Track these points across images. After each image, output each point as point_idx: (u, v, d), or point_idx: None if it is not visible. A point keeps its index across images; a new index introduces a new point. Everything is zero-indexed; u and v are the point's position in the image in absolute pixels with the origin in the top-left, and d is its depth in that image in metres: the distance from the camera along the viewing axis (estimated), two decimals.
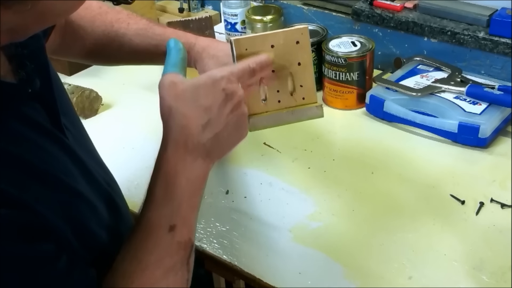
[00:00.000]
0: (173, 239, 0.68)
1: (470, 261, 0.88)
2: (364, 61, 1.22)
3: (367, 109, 1.22)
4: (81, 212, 0.67)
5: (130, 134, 1.21)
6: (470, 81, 1.18)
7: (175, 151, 0.70)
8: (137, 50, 0.98)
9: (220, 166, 1.11)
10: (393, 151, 1.12)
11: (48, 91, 0.69)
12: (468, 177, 1.04)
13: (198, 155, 0.71)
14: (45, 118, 0.67)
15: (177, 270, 0.69)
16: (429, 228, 0.94)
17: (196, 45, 0.97)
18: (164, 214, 0.69)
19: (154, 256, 0.67)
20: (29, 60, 0.66)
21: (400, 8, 1.31)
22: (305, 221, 0.97)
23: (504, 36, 1.19)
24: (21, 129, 0.62)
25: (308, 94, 0.85)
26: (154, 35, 0.98)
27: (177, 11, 1.60)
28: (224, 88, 0.72)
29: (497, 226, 0.94)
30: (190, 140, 0.70)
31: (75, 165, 0.69)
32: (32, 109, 0.65)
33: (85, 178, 0.70)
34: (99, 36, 0.97)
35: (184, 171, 0.70)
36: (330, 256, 0.90)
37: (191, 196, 0.71)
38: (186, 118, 0.70)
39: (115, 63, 1.10)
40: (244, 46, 0.82)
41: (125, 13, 1.00)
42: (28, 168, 0.60)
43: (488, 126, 1.09)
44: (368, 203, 1.00)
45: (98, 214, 0.70)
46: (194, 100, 0.71)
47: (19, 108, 0.63)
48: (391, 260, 0.89)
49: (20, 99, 0.63)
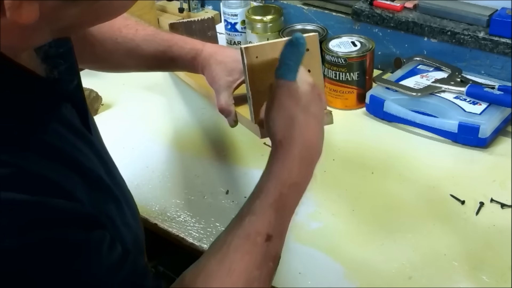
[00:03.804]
0: (267, 249, 0.67)
1: (470, 261, 0.88)
2: (364, 61, 1.22)
3: (367, 109, 1.22)
4: (110, 208, 0.67)
5: (130, 134, 1.21)
6: (470, 81, 1.18)
7: (299, 164, 0.71)
8: (145, 56, 0.99)
9: (220, 166, 1.11)
10: (393, 151, 1.12)
11: (78, 91, 0.70)
12: (468, 177, 1.04)
13: (314, 166, 0.72)
14: (76, 118, 0.68)
15: (261, 282, 0.67)
16: (429, 228, 0.94)
17: (203, 51, 0.97)
18: (268, 221, 0.68)
19: (244, 263, 0.65)
20: (63, 59, 0.66)
21: (400, 8, 1.31)
22: (305, 221, 0.97)
23: (504, 36, 1.19)
24: (59, 127, 0.63)
25: None
26: (161, 41, 0.98)
27: (177, 11, 1.60)
28: (318, 93, 0.75)
29: (497, 226, 0.94)
30: (314, 153, 0.72)
31: (101, 164, 0.70)
32: (65, 108, 0.66)
33: (109, 177, 0.70)
34: (107, 42, 0.98)
35: (301, 185, 0.71)
36: (330, 256, 0.90)
37: (294, 209, 0.72)
38: (308, 130, 0.72)
39: (123, 70, 1.10)
40: (255, 54, 0.83)
41: (133, 19, 1.01)
42: (69, 162, 0.60)
43: (488, 126, 1.09)
44: (368, 203, 1.00)
45: (121, 211, 0.70)
46: (307, 107, 0.72)
47: (55, 108, 0.63)
48: (391, 260, 0.89)
49: (58, 98, 0.64)
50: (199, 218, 0.99)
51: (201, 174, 1.09)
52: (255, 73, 0.83)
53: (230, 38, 1.45)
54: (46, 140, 0.59)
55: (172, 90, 1.34)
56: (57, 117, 0.63)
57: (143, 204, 1.02)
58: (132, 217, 0.75)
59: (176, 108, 1.29)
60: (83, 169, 0.63)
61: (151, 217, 1.00)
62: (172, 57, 0.99)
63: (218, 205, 1.02)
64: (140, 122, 1.25)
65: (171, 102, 1.31)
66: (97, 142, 0.73)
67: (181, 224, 0.98)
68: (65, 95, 0.66)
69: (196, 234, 0.96)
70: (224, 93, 0.94)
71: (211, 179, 1.08)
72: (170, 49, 0.99)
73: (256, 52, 0.83)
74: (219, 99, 0.95)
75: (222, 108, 0.95)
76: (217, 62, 0.95)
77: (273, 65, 0.82)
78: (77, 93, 0.70)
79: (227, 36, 1.45)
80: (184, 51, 0.98)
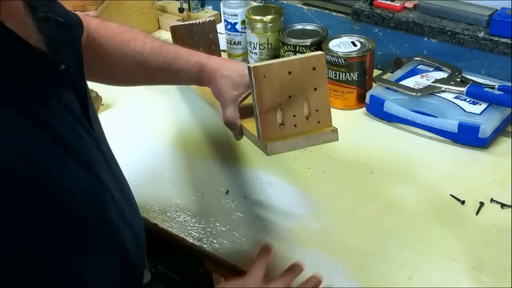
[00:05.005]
0: None
1: (470, 261, 0.88)
2: (364, 61, 1.22)
3: (367, 109, 1.22)
4: (104, 199, 0.67)
5: (130, 134, 1.21)
6: (470, 81, 1.18)
7: None
8: (152, 68, 0.99)
9: (220, 166, 1.11)
10: (393, 151, 1.12)
11: (80, 79, 0.69)
12: (468, 177, 1.04)
13: None
14: (77, 106, 0.68)
15: None
16: (429, 228, 0.94)
17: (209, 64, 0.97)
18: None
19: None
20: (66, 45, 0.66)
21: (400, 8, 1.31)
22: (305, 221, 0.97)
23: (504, 36, 1.19)
24: (59, 108, 0.63)
25: (324, 118, 0.88)
26: (167, 53, 0.99)
27: (177, 11, 1.60)
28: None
29: (497, 226, 0.94)
30: None
31: (101, 155, 0.70)
32: (66, 93, 0.66)
33: (108, 171, 0.71)
34: (116, 54, 0.99)
35: None
36: (330, 256, 0.90)
37: None
38: None
39: (132, 83, 1.11)
40: (262, 73, 0.84)
41: (142, 34, 1.02)
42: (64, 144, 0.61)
43: (488, 126, 1.09)
44: (368, 203, 1.00)
45: (118, 206, 0.70)
46: None
47: (57, 89, 0.64)
48: (391, 260, 0.89)
49: (59, 79, 0.64)
50: (199, 218, 0.99)
51: (201, 174, 1.09)
52: (263, 91, 0.84)
53: (230, 38, 1.45)
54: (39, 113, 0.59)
55: (172, 90, 1.34)
56: (56, 98, 0.63)
57: (143, 204, 1.02)
58: (132, 215, 0.75)
59: (176, 108, 1.29)
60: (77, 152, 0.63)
61: (151, 217, 1.00)
62: (178, 70, 0.99)
63: (218, 205, 1.02)
64: (140, 122, 1.25)
65: (171, 102, 1.31)
66: (99, 136, 0.73)
67: (181, 224, 0.98)
68: (66, 79, 0.66)
69: (196, 234, 0.96)
70: (230, 107, 0.95)
71: (211, 179, 1.08)
72: (175, 62, 0.99)
73: (263, 71, 0.84)
74: (225, 113, 0.95)
75: (228, 121, 0.96)
76: (223, 76, 0.95)
77: (281, 83, 0.83)
78: (80, 81, 0.70)
79: (227, 36, 1.45)
80: (190, 64, 0.99)
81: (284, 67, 0.84)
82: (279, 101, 0.85)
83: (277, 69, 0.84)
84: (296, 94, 0.85)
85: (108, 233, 0.67)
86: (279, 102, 0.85)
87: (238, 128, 0.96)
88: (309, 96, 0.86)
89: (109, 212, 0.67)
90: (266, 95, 0.84)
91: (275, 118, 0.85)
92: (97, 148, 0.70)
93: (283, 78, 0.84)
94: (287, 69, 0.84)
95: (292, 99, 0.85)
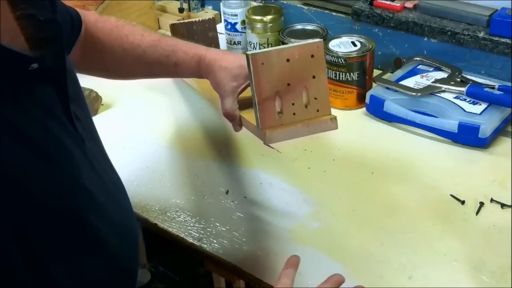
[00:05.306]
0: None
1: (470, 261, 0.88)
2: (364, 61, 1.22)
3: (367, 109, 1.22)
4: (80, 202, 0.66)
5: (130, 134, 1.21)
6: (470, 81, 1.18)
7: None
8: (150, 61, 0.99)
9: (220, 166, 1.11)
10: (393, 151, 1.12)
11: (62, 77, 0.68)
12: (468, 177, 1.04)
13: None
14: (57, 104, 0.67)
15: None
16: (429, 228, 0.94)
17: (207, 56, 0.97)
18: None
19: None
20: (47, 43, 0.65)
21: (400, 8, 1.31)
22: (305, 221, 0.97)
23: (504, 36, 1.19)
24: (31, 106, 0.62)
25: (322, 107, 0.87)
26: (166, 46, 0.99)
27: (177, 11, 1.60)
28: None
29: (497, 226, 0.94)
30: None
31: (82, 155, 0.69)
32: (45, 91, 0.65)
33: (91, 171, 0.70)
34: (116, 49, 0.99)
35: None
36: (330, 256, 0.90)
37: None
38: None
39: (133, 77, 1.11)
40: (260, 61, 0.83)
41: (140, 27, 1.02)
42: (29, 144, 0.60)
43: (488, 126, 1.09)
44: (368, 203, 1.00)
45: (98, 207, 0.69)
46: None
47: (32, 86, 0.63)
48: (391, 260, 0.89)
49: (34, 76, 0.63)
50: (199, 218, 0.99)
51: (201, 174, 1.09)
52: (261, 79, 0.84)
53: (230, 38, 1.45)
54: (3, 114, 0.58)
55: (172, 90, 1.34)
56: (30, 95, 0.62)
57: (143, 204, 1.02)
58: (122, 216, 0.74)
59: (176, 108, 1.29)
60: (46, 154, 0.62)
61: (151, 217, 1.00)
62: (176, 62, 0.99)
63: (218, 205, 1.02)
64: (140, 122, 1.25)
65: (171, 102, 1.31)
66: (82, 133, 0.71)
67: (181, 224, 0.98)
68: (43, 77, 0.64)
69: (196, 234, 0.96)
70: (229, 98, 0.95)
71: (211, 179, 1.08)
72: (174, 54, 0.99)
73: (262, 59, 0.83)
74: (224, 105, 0.95)
75: (227, 113, 0.96)
76: (221, 68, 0.95)
77: (279, 71, 0.83)
78: (61, 78, 0.68)
79: (227, 36, 1.45)
80: (188, 57, 0.99)
81: (283, 55, 0.84)
82: (278, 89, 0.84)
83: (275, 57, 0.83)
84: (295, 82, 0.84)
85: (87, 237, 0.67)
86: (278, 90, 0.84)
87: (237, 119, 0.95)
88: (308, 84, 0.85)
89: (88, 214, 0.67)
90: (264, 83, 0.84)
91: (273, 107, 0.84)
92: (78, 148, 0.69)
93: (282, 66, 0.83)
94: (285, 56, 0.83)
95: (290, 87, 0.85)
